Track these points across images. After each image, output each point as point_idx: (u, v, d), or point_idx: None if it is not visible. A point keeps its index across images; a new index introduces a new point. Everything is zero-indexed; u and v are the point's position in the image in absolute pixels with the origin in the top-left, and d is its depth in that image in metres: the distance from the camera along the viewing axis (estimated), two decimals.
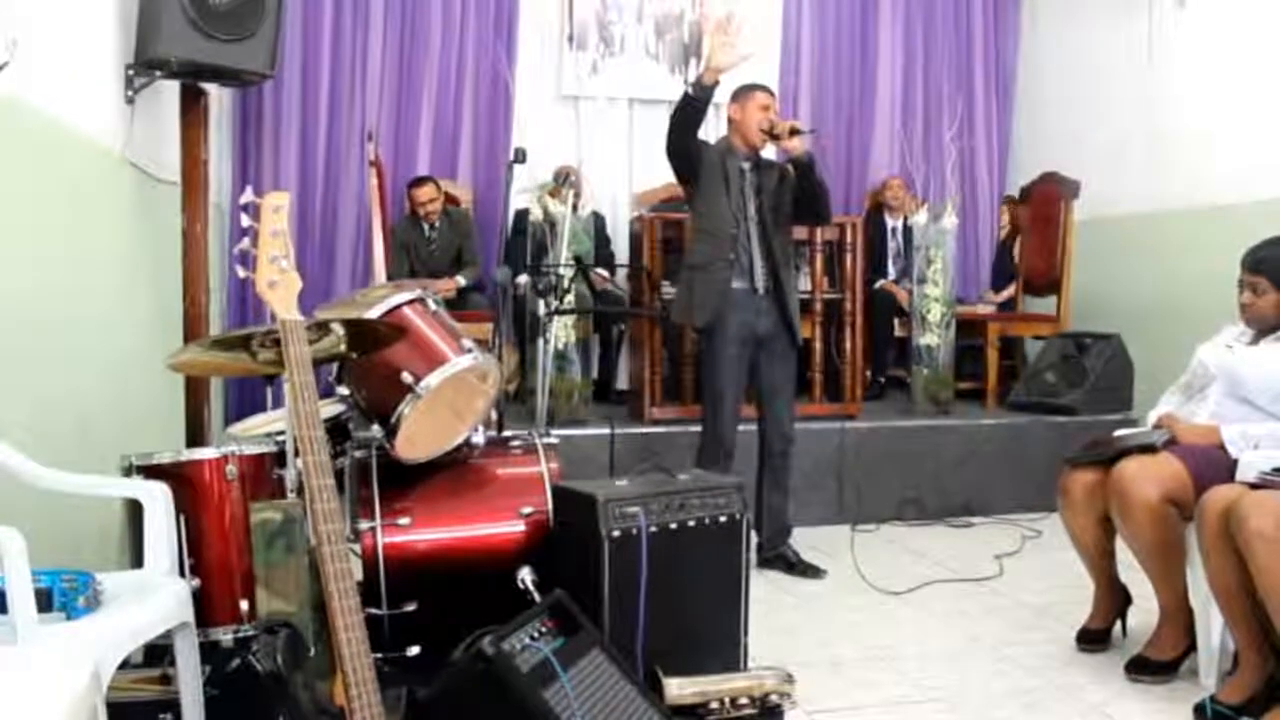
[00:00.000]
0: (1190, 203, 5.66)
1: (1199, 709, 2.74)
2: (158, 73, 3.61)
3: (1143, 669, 3.05)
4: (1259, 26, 5.29)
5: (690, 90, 3.95)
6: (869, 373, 5.92)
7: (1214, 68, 5.57)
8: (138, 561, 2.54)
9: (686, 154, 4.08)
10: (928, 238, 5.51)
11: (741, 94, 4.13)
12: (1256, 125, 5.27)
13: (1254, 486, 2.70)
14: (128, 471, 2.72)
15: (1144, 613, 3.27)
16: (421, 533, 2.85)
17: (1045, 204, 6.28)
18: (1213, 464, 2.94)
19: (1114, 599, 3.32)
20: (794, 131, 3.97)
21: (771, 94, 4.18)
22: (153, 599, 2.27)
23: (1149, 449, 3.04)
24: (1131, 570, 3.18)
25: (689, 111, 3.97)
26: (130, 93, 3.58)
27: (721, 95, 4.12)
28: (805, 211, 4.21)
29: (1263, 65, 5.26)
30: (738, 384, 4.13)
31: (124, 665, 2.22)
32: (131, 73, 3.58)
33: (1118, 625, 3.35)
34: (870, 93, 6.93)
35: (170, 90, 4.03)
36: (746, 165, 4.13)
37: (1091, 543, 3.23)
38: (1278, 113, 5.16)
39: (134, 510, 2.61)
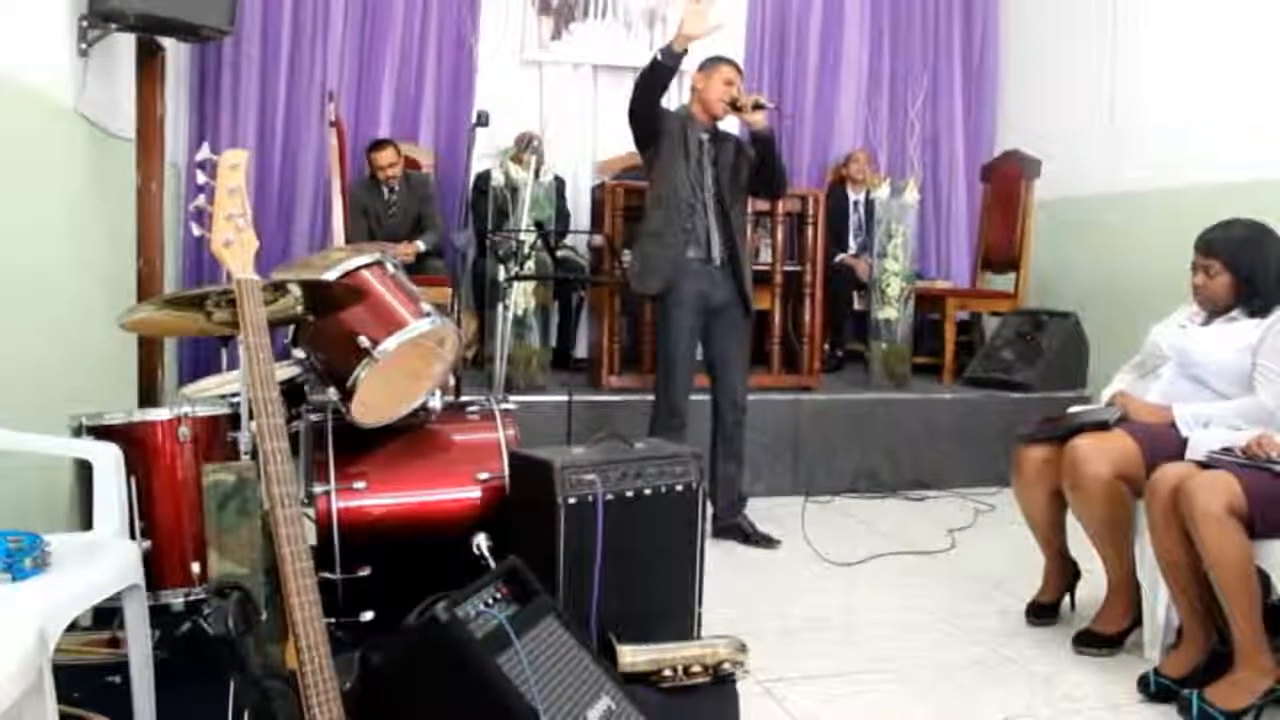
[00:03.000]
0: (1149, 185, 5.72)
1: (1143, 681, 2.79)
2: (113, 25, 3.53)
3: (1089, 642, 3.10)
4: (1223, 10, 5.33)
5: (659, 56, 3.95)
6: (827, 346, 5.94)
7: (1178, 51, 5.61)
8: (87, 523, 2.51)
9: (649, 119, 4.08)
10: (889, 212, 5.52)
11: (708, 65, 4.15)
12: (1217, 109, 5.33)
13: (1203, 465, 2.74)
14: (78, 432, 2.69)
15: (1092, 587, 3.32)
16: (376, 497, 2.83)
17: (1006, 182, 6.33)
18: (1164, 442, 2.98)
19: (1064, 573, 3.37)
20: (757, 106, 3.97)
21: (739, 69, 4.19)
22: (102, 561, 2.25)
23: (1102, 426, 3.07)
24: (1081, 545, 3.22)
25: (656, 77, 3.97)
26: (84, 45, 3.50)
27: (688, 63, 4.10)
28: (761, 185, 4.24)
29: (1227, 49, 5.31)
30: (690, 352, 4.15)
31: (72, 628, 2.20)
32: (85, 24, 3.49)
33: (1067, 599, 3.40)
34: (836, 65, 6.92)
35: (126, 44, 3.95)
36: (705, 136, 4.14)
37: (1043, 517, 3.27)
38: (1239, 96, 5.22)
39: (84, 471, 2.58)
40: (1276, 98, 5.02)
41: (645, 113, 4.06)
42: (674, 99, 5.02)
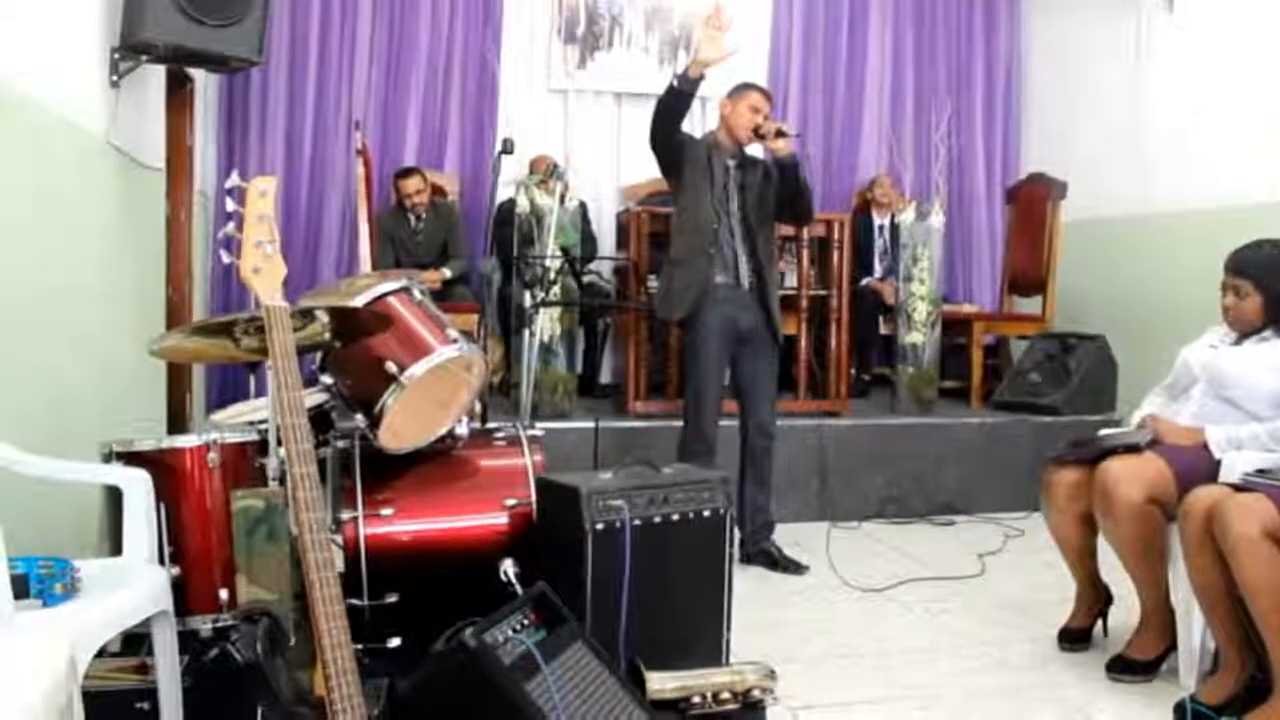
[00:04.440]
0: (1176, 205, 5.68)
1: (1179, 709, 2.74)
2: (144, 57, 3.59)
3: (1124, 668, 3.06)
4: (1246, 31, 5.31)
5: (676, 82, 3.96)
6: (854, 370, 5.92)
7: (1201, 72, 5.59)
8: (117, 549, 2.52)
9: (669, 146, 4.09)
10: (915, 236, 5.51)
11: (736, 92, 4.15)
12: (1242, 130, 5.29)
13: (1237, 488, 2.70)
14: (108, 458, 2.70)
15: (1125, 612, 3.28)
16: (404, 523, 2.83)
17: (1031, 204, 6.29)
18: (1196, 465, 2.95)
19: (1095, 598, 3.33)
20: (779, 134, 3.97)
21: (767, 96, 4.19)
22: (131, 587, 2.25)
23: (1133, 449, 3.04)
24: (1113, 570, 3.18)
25: (673, 103, 3.99)
26: (115, 77, 3.55)
27: (709, 89, 4.11)
28: (787, 211, 4.23)
29: (1249, 70, 5.28)
30: (719, 379, 4.14)
31: (101, 653, 2.21)
32: (117, 56, 3.55)
33: (1099, 624, 3.36)
34: (859, 90, 6.92)
35: (156, 75, 4.01)
36: (732, 162, 4.14)
37: (1074, 542, 3.23)
38: (1263, 117, 5.18)
39: (114, 497, 2.59)
40: None
41: (664, 139, 4.08)
42: (698, 125, 5.04)
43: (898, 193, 6.47)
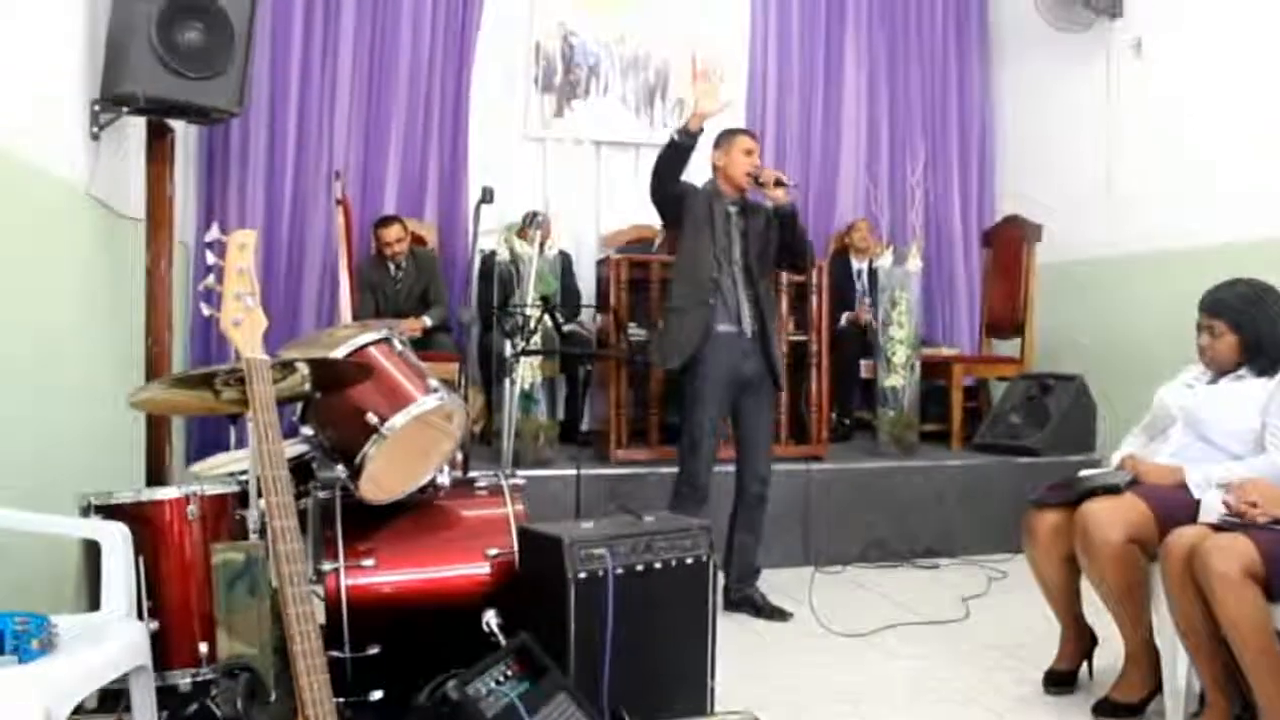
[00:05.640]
0: (1149, 247, 5.75)
1: None
2: (124, 109, 3.59)
3: (1110, 711, 3.05)
4: (1214, 75, 5.41)
5: (676, 137, 4.00)
6: (834, 415, 5.94)
7: (1171, 115, 5.69)
8: (95, 603, 2.50)
9: (670, 199, 4.12)
10: (893, 280, 5.54)
11: (724, 140, 4.17)
12: (1212, 172, 5.37)
13: (1216, 528, 2.72)
14: (86, 511, 2.69)
15: (1110, 654, 3.27)
16: (385, 574, 2.81)
17: (1007, 247, 6.37)
18: (1176, 504, 2.97)
19: (1080, 640, 3.32)
20: (778, 183, 4.01)
21: (754, 137, 4.23)
22: (108, 642, 2.23)
23: (1113, 490, 3.05)
24: (1098, 611, 3.19)
25: (673, 157, 4.02)
26: (95, 129, 3.56)
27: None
28: (786, 259, 4.27)
29: (1218, 113, 5.37)
30: (716, 427, 4.13)
31: (78, 710, 2.18)
32: (97, 108, 3.56)
33: (1084, 667, 3.35)
34: (835, 135, 7.00)
35: (136, 126, 4.01)
36: (733, 209, 4.17)
37: (1057, 584, 3.24)
38: (1232, 159, 5.27)
39: (92, 551, 2.57)
40: (1270, 159, 5.07)
41: (666, 193, 4.10)
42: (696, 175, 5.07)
43: (875, 238, 6.53)
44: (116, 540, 2.49)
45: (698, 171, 4.25)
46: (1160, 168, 5.72)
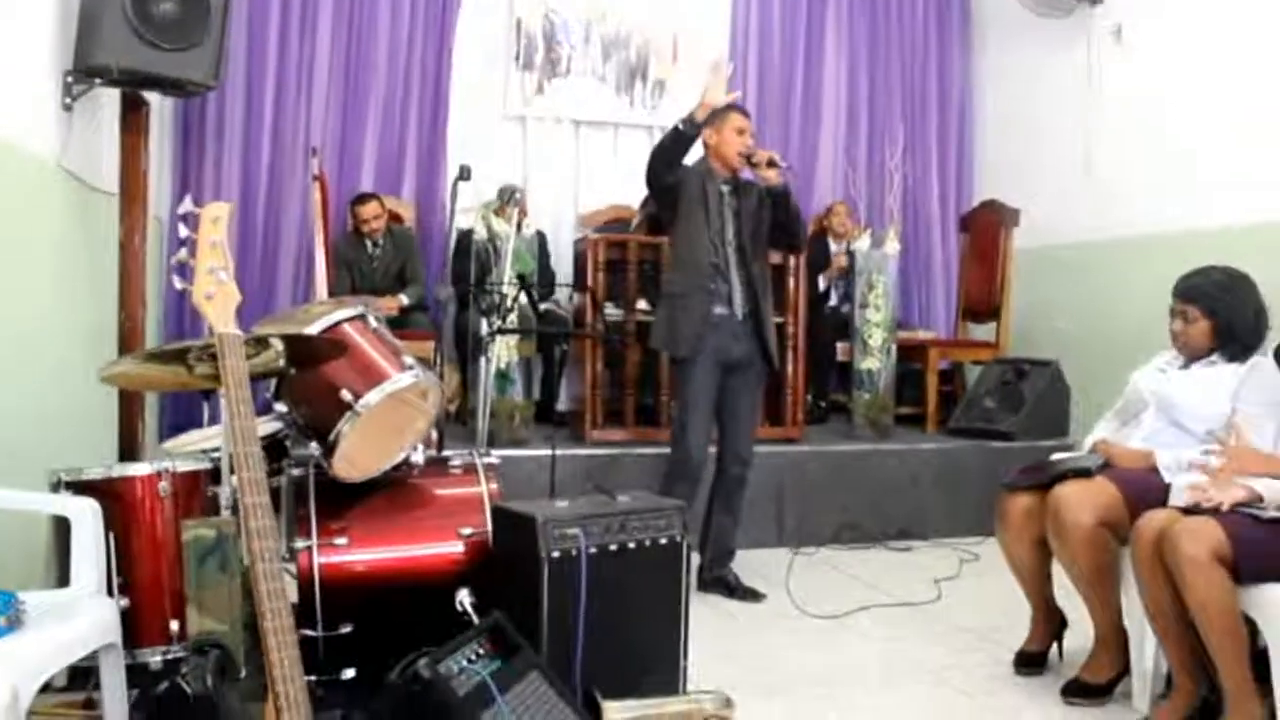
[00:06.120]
0: (1126, 232, 5.78)
1: None
2: (98, 80, 3.55)
3: (1078, 692, 3.07)
4: (1193, 59, 5.43)
5: (681, 126, 3.97)
6: (810, 397, 5.95)
7: (1151, 101, 5.70)
8: (64, 580, 2.48)
9: (669, 185, 4.09)
10: (870, 263, 5.55)
11: (716, 118, 4.10)
12: (1192, 158, 5.40)
13: (1186, 511, 2.74)
14: (56, 487, 2.66)
15: (1080, 636, 3.30)
16: (358, 552, 2.80)
17: (985, 231, 6.39)
18: (1147, 488, 2.99)
19: (1050, 622, 3.35)
20: (771, 164, 3.99)
21: (746, 115, 4.21)
22: (78, 619, 2.22)
23: (1084, 473, 3.08)
24: (1068, 594, 3.21)
25: (676, 145, 4.00)
26: (68, 100, 3.51)
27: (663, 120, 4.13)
28: (780, 238, 4.27)
29: (1198, 99, 5.39)
30: (708, 408, 4.13)
31: (46, 688, 2.17)
32: (70, 79, 3.51)
33: (1054, 648, 3.38)
34: (815, 118, 6.99)
35: (110, 98, 3.96)
36: (726, 188, 4.15)
37: (1028, 566, 3.26)
38: (1212, 146, 5.29)
39: (62, 527, 2.55)
40: (1249, 146, 5.09)
41: (665, 180, 4.07)
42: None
43: (853, 221, 6.53)
44: (86, 516, 2.47)
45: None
46: (1140, 154, 5.74)
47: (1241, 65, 5.18)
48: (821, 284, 6.26)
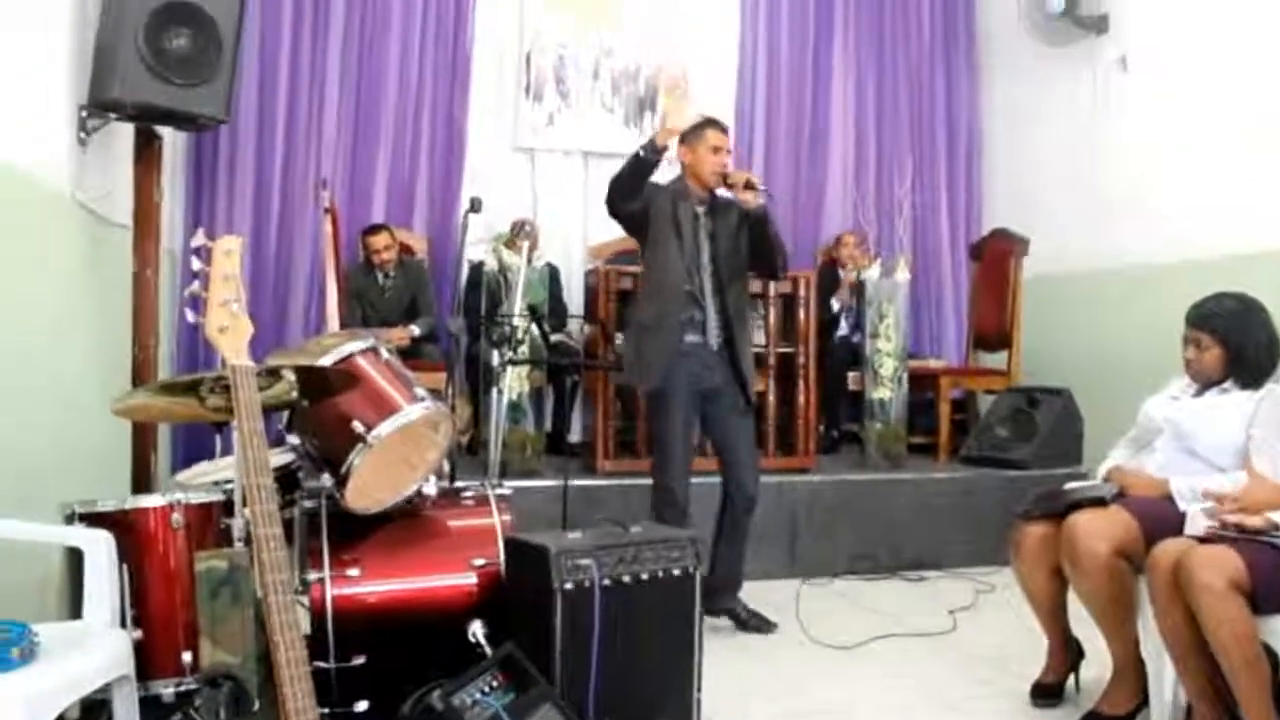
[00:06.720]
0: (1136, 259, 5.78)
1: None
2: (112, 115, 3.58)
3: None
4: (1200, 89, 5.44)
5: (642, 152, 3.84)
6: (822, 427, 5.94)
7: (1156, 129, 5.71)
8: (77, 612, 2.48)
9: (628, 213, 3.95)
10: (880, 292, 5.55)
11: (690, 135, 3.98)
12: (1197, 187, 5.40)
13: (1202, 540, 2.72)
14: (70, 519, 2.67)
15: (1097, 666, 3.27)
16: (371, 584, 2.80)
17: (995, 260, 6.38)
18: (1162, 516, 2.97)
19: (1067, 653, 3.32)
20: (748, 185, 3.84)
21: (723, 130, 4.06)
22: (91, 651, 2.22)
23: (1099, 502, 3.06)
24: (1084, 624, 3.18)
25: (637, 171, 3.85)
26: (83, 134, 3.54)
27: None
28: (759, 264, 4.12)
29: (1204, 127, 5.40)
30: (686, 437, 3.99)
31: None
32: (85, 114, 3.54)
33: (1071, 680, 3.35)
34: (823, 148, 7.01)
35: (124, 132, 4.00)
36: (701, 209, 4.01)
37: (1043, 596, 3.24)
38: (1217, 174, 5.29)
39: (75, 559, 2.55)
40: (1257, 174, 5.09)
41: (623, 207, 3.92)
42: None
43: (862, 251, 6.53)
44: (100, 548, 2.47)
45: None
46: (1148, 182, 5.74)
47: (1248, 93, 5.18)
48: (834, 306, 6.25)
